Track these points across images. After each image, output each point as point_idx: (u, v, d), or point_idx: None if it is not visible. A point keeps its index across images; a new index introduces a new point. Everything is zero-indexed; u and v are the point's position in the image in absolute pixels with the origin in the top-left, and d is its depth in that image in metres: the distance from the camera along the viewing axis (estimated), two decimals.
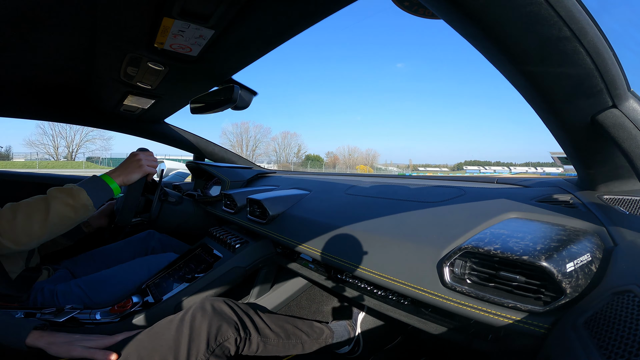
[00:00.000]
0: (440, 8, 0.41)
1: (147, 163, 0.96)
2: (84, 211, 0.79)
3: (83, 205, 0.78)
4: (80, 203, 0.78)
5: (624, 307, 0.34)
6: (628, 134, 0.46)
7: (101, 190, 0.84)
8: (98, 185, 0.84)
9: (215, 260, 1.08)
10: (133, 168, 0.93)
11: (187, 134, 1.78)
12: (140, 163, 0.95)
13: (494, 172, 60.05)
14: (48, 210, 0.73)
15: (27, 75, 1.09)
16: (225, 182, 1.51)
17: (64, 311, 0.86)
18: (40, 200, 0.74)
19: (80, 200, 0.78)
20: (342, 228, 0.80)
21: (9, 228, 0.70)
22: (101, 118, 1.55)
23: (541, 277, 0.45)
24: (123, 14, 0.70)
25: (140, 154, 0.97)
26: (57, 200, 0.75)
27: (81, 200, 0.78)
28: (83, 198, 0.78)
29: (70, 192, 0.77)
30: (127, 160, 0.95)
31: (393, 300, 0.69)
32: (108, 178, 0.88)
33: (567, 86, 0.45)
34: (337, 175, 1.38)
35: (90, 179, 0.86)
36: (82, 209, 0.78)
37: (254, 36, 0.78)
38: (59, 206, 0.75)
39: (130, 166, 0.93)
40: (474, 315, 0.49)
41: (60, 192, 0.76)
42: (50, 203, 0.74)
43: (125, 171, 0.92)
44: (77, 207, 0.77)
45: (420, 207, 0.77)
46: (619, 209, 0.56)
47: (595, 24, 0.40)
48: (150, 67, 0.94)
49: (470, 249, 0.51)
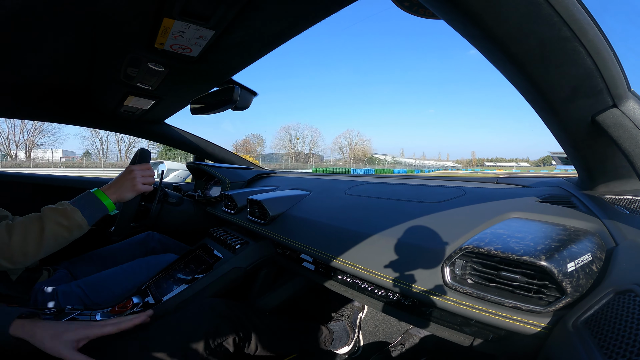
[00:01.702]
0: (440, 8, 0.41)
1: (143, 181, 0.93)
2: (78, 231, 0.79)
3: (77, 225, 0.78)
4: (75, 224, 0.78)
5: (625, 306, 0.34)
6: (628, 133, 0.46)
7: (96, 208, 0.83)
8: (93, 203, 0.83)
9: (215, 260, 1.08)
10: (127, 187, 0.90)
11: (187, 134, 1.78)
12: (135, 182, 0.91)
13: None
14: (43, 230, 0.73)
15: (27, 76, 1.09)
16: (226, 183, 1.51)
17: (65, 312, 0.86)
18: (35, 220, 0.74)
19: (75, 220, 0.78)
20: (343, 228, 0.80)
21: (6, 249, 0.70)
22: (101, 119, 1.55)
23: (542, 277, 0.45)
24: (123, 14, 0.70)
25: (135, 170, 0.93)
26: (52, 221, 0.75)
27: (75, 220, 0.78)
28: (77, 218, 0.78)
29: (65, 212, 0.77)
30: (122, 177, 0.92)
31: (393, 300, 0.69)
32: (102, 195, 0.85)
33: (568, 86, 0.45)
34: (337, 175, 1.38)
35: (85, 196, 0.84)
36: (76, 230, 0.78)
37: (254, 37, 0.78)
38: (54, 226, 0.75)
39: (125, 184, 0.90)
40: (474, 315, 0.49)
41: (54, 213, 0.76)
42: (45, 224, 0.74)
43: (120, 189, 0.89)
44: (71, 227, 0.77)
45: (420, 207, 0.77)
46: (620, 208, 0.56)
47: (595, 24, 0.40)
48: (150, 67, 0.94)
49: (471, 249, 0.51)
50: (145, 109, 1.38)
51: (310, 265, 0.92)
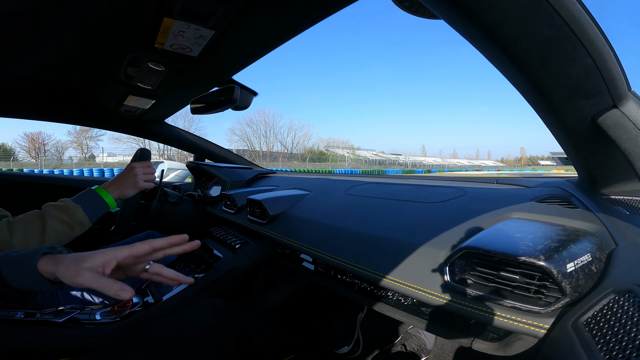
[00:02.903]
0: (441, 8, 0.41)
1: (144, 178, 0.93)
2: (80, 228, 0.79)
3: (79, 222, 0.78)
4: (77, 220, 0.77)
5: (625, 307, 0.34)
6: (628, 134, 0.46)
7: (97, 205, 0.83)
8: (94, 200, 0.83)
9: (215, 260, 1.08)
10: (128, 184, 0.91)
11: (187, 134, 1.78)
12: (136, 179, 0.92)
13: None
14: (44, 227, 0.73)
15: (27, 76, 1.10)
16: (226, 183, 1.51)
17: (64, 311, 0.86)
18: (36, 218, 0.74)
19: (76, 217, 0.77)
20: (342, 228, 0.80)
21: (7, 247, 0.70)
22: (102, 118, 1.55)
23: (541, 277, 0.45)
24: (123, 14, 0.70)
25: (136, 167, 0.93)
26: (53, 217, 0.74)
27: (77, 217, 0.77)
28: (79, 215, 0.78)
29: (66, 209, 0.76)
30: (123, 174, 0.92)
31: (393, 300, 0.69)
32: (104, 192, 0.86)
33: (568, 86, 0.45)
34: (337, 175, 1.38)
35: (86, 193, 0.84)
36: (78, 226, 0.78)
37: (254, 36, 0.78)
38: (55, 224, 0.74)
39: (126, 182, 0.91)
40: (474, 315, 0.49)
41: (56, 209, 0.76)
42: (46, 220, 0.74)
43: (121, 186, 0.89)
44: (73, 224, 0.77)
45: (420, 207, 0.77)
46: (620, 209, 0.56)
47: (595, 24, 0.40)
48: (150, 67, 0.94)
49: (471, 249, 0.51)
50: (145, 109, 1.38)
51: (310, 265, 0.92)
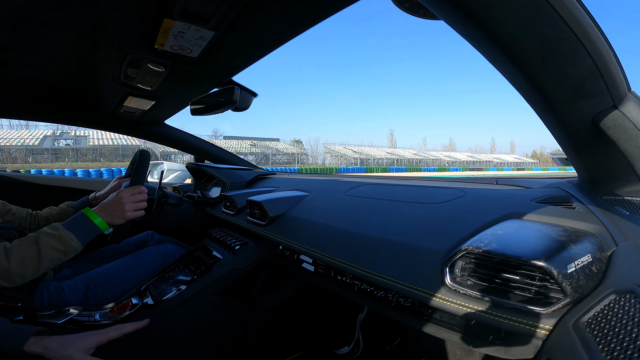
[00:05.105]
0: (441, 9, 0.41)
1: (133, 207, 0.91)
2: (73, 252, 0.83)
3: (73, 249, 0.82)
4: (70, 248, 0.81)
5: (625, 307, 0.33)
6: (628, 134, 0.46)
7: (89, 230, 0.85)
8: (86, 226, 0.85)
9: (215, 261, 1.08)
10: (116, 215, 0.89)
11: (187, 135, 1.78)
12: (123, 209, 0.89)
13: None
14: (39, 255, 0.77)
15: (27, 76, 1.09)
16: (225, 184, 1.51)
17: (63, 312, 0.86)
18: (31, 245, 0.77)
19: (70, 245, 0.81)
20: (342, 229, 0.80)
21: (6, 273, 0.74)
22: (102, 119, 1.55)
23: (542, 278, 0.45)
24: (124, 15, 0.70)
25: (124, 197, 0.90)
26: (47, 246, 0.78)
27: (71, 245, 0.81)
28: (73, 243, 0.81)
29: (60, 238, 0.80)
30: (111, 203, 0.90)
31: (393, 301, 0.69)
32: (94, 215, 0.86)
33: (568, 87, 0.45)
34: (337, 176, 1.38)
35: (78, 218, 0.85)
36: (71, 252, 0.82)
37: (254, 37, 0.78)
38: (50, 251, 0.78)
39: (114, 212, 0.89)
40: (474, 316, 0.49)
41: (50, 238, 0.79)
42: (41, 249, 0.77)
43: (109, 215, 0.88)
44: (67, 251, 0.81)
45: (420, 208, 0.76)
46: (620, 209, 0.56)
47: (596, 25, 0.40)
48: (150, 68, 0.94)
49: (471, 250, 0.51)
50: (145, 110, 1.38)
51: (310, 266, 0.92)
